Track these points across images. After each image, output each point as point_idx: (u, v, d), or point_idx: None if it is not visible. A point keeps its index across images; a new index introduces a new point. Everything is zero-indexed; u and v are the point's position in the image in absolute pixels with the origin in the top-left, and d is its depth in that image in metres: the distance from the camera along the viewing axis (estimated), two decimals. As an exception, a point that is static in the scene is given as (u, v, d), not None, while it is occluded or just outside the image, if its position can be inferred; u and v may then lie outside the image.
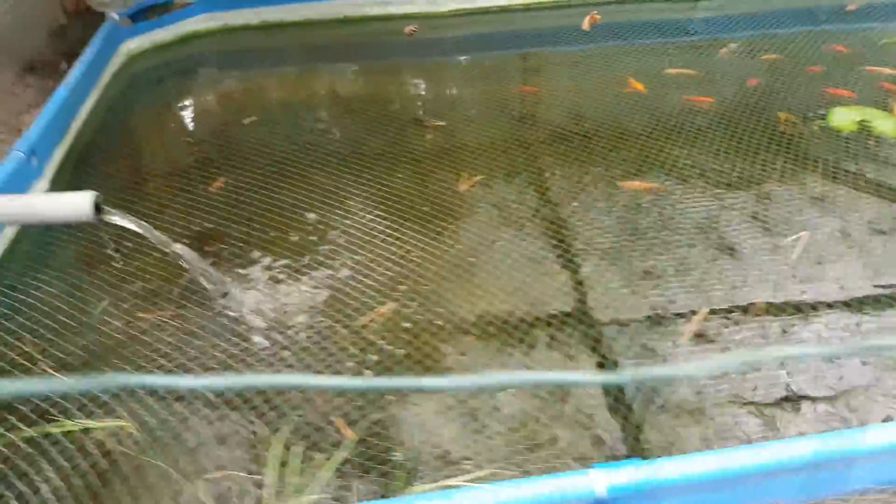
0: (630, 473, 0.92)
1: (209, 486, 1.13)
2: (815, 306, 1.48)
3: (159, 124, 2.44)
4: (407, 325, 1.43)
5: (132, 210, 1.85)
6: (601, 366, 1.34)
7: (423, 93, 2.54)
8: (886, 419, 1.23)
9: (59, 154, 2.13)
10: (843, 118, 2.06)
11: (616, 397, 1.27)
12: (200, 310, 1.50)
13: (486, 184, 1.89)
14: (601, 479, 0.90)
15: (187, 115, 2.48)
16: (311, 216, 1.79)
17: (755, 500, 1.00)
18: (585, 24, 2.79)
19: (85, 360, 1.37)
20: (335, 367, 1.34)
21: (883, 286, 1.51)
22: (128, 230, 1.49)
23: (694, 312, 1.43)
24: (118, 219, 1.49)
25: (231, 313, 1.48)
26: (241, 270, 1.62)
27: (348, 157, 2.06)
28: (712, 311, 1.46)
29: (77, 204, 1.43)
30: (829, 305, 1.48)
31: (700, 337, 1.40)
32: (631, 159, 1.96)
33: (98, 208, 1.45)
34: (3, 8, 2.80)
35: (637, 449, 1.18)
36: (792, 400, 1.27)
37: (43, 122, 2.06)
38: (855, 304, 1.48)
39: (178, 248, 1.58)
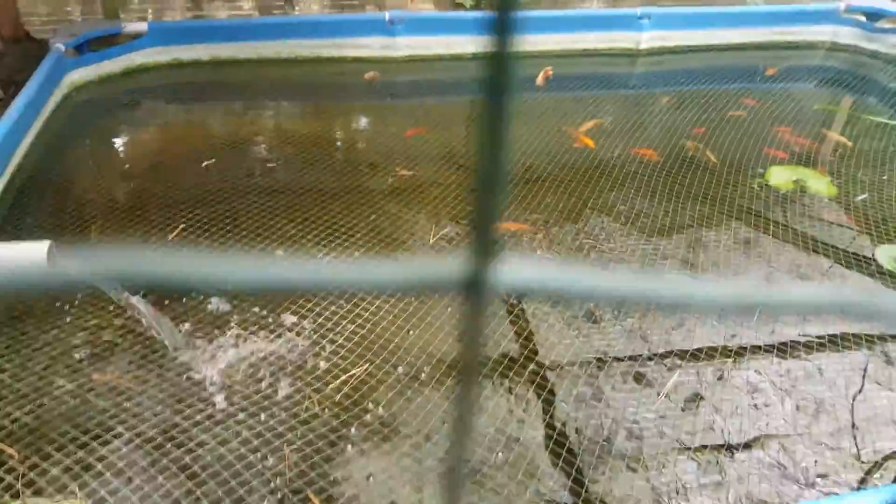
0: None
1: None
2: (745, 351, 1.57)
3: (104, 163, 2.36)
4: (365, 377, 1.43)
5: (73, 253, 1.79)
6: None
7: (375, 135, 2.56)
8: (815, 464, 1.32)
9: (-4, 190, 2.03)
10: (781, 177, 2.21)
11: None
12: (158, 370, 1.45)
13: (433, 225, 1.92)
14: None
15: (131, 153, 2.41)
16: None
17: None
18: (539, 80, 2.91)
19: (32, 428, 1.29)
20: (296, 427, 1.32)
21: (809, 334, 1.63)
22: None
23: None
24: (73, 271, 1.44)
25: (191, 373, 1.44)
26: (201, 325, 1.58)
27: (305, 201, 2.05)
28: (651, 357, 1.54)
29: (30, 256, 1.37)
30: (761, 350, 1.57)
31: (640, 380, 1.47)
32: (569, 206, 2.06)
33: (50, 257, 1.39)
34: (-65, 32, 2.66)
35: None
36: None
37: (-18, 158, 1.96)
38: (785, 350, 1.57)
39: (134, 300, 1.53)
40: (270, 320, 1.59)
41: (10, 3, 3.16)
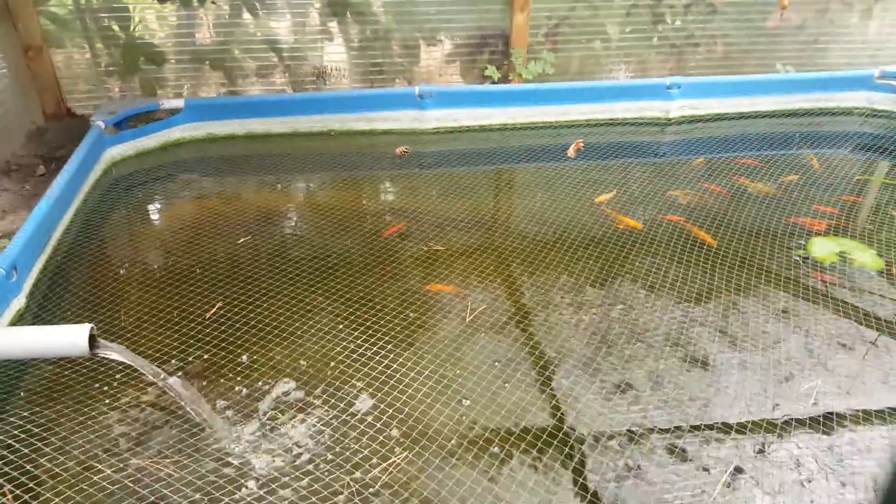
0: None
1: None
2: (788, 424, 1.51)
3: (141, 237, 2.39)
4: (400, 450, 1.38)
5: (110, 330, 1.79)
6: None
7: (404, 207, 2.56)
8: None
9: (37, 267, 2.05)
10: (823, 249, 2.16)
11: None
12: (196, 454, 1.41)
13: (462, 295, 1.90)
14: None
15: (168, 228, 2.43)
16: (309, 343, 1.75)
17: None
18: (571, 152, 2.93)
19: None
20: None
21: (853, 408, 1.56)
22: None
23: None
24: (114, 354, 1.43)
25: (229, 459, 1.40)
26: (237, 404, 1.55)
27: (338, 275, 2.04)
28: (693, 427, 1.48)
29: (72, 338, 1.36)
30: (802, 423, 1.51)
31: (676, 453, 1.41)
32: (598, 272, 2.02)
33: (92, 339, 1.39)
34: (-16, 112, 2.76)
35: None
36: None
37: (24, 236, 1.99)
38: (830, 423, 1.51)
39: (172, 381, 1.51)
40: (311, 400, 1.55)
41: (53, 82, 3.30)
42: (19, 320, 1.84)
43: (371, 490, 1.33)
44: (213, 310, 1.88)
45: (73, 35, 3.32)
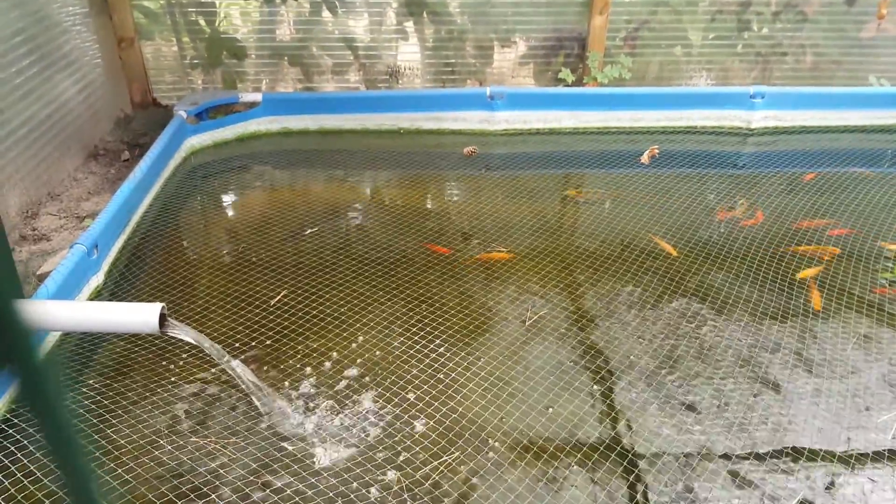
0: None
1: None
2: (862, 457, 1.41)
3: (214, 223, 2.47)
4: (445, 457, 1.36)
5: (180, 311, 1.86)
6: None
7: (468, 207, 2.55)
8: None
9: (116, 247, 2.15)
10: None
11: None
12: (252, 437, 1.44)
13: (520, 300, 1.86)
14: None
15: (240, 216, 2.51)
16: (367, 337, 1.76)
17: None
18: (645, 158, 2.85)
19: (130, 487, 1.30)
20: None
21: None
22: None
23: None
24: (180, 333, 1.47)
25: (283, 444, 1.42)
26: (295, 390, 1.57)
27: (400, 271, 2.05)
28: (759, 454, 1.40)
29: (144, 317, 1.42)
30: (880, 456, 1.41)
31: (739, 480, 1.33)
32: (668, 285, 1.94)
33: (162, 319, 1.43)
34: (77, 98, 2.92)
35: None
36: None
37: (106, 218, 2.09)
38: None
39: (234, 364, 1.55)
40: (365, 394, 1.56)
41: (142, 72, 3.46)
42: (97, 296, 1.93)
43: (421, 488, 1.32)
44: (278, 297, 1.91)
45: (163, 28, 3.48)
